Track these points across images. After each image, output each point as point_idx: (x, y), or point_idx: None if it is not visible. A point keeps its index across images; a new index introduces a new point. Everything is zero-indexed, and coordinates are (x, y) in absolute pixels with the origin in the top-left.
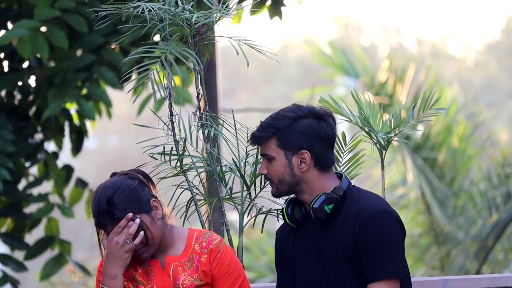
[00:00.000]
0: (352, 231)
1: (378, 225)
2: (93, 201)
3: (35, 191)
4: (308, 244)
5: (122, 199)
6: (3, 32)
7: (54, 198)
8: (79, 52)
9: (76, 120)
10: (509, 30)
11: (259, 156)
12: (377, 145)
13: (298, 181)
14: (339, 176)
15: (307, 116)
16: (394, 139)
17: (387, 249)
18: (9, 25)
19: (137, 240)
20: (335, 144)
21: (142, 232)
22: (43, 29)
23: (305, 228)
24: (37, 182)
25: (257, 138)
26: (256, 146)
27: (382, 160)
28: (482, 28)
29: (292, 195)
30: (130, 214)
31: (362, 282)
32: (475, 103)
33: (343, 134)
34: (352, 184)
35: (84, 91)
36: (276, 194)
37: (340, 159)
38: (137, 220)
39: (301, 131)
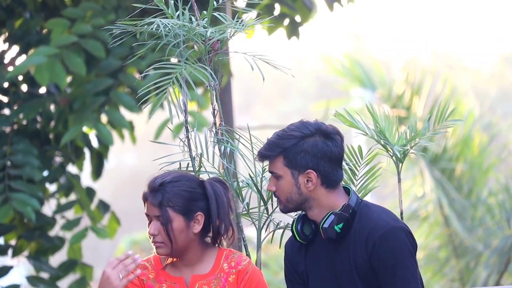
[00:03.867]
0: (365, 250)
1: (390, 244)
2: (153, 175)
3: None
4: (320, 260)
5: (174, 192)
6: (23, 57)
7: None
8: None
9: (96, 144)
10: None
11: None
12: (393, 157)
13: (306, 199)
14: (348, 190)
15: (313, 134)
16: (410, 151)
17: (403, 267)
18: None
19: (131, 277)
20: (352, 158)
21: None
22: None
23: (316, 244)
24: (67, 206)
25: (264, 156)
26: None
27: (399, 173)
28: (497, 39)
29: (300, 211)
30: (137, 257)
31: None
32: (491, 114)
33: (359, 148)
34: (361, 199)
35: (104, 118)
36: (284, 211)
37: (357, 173)
38: (137, 263)
39: (307, 151)
